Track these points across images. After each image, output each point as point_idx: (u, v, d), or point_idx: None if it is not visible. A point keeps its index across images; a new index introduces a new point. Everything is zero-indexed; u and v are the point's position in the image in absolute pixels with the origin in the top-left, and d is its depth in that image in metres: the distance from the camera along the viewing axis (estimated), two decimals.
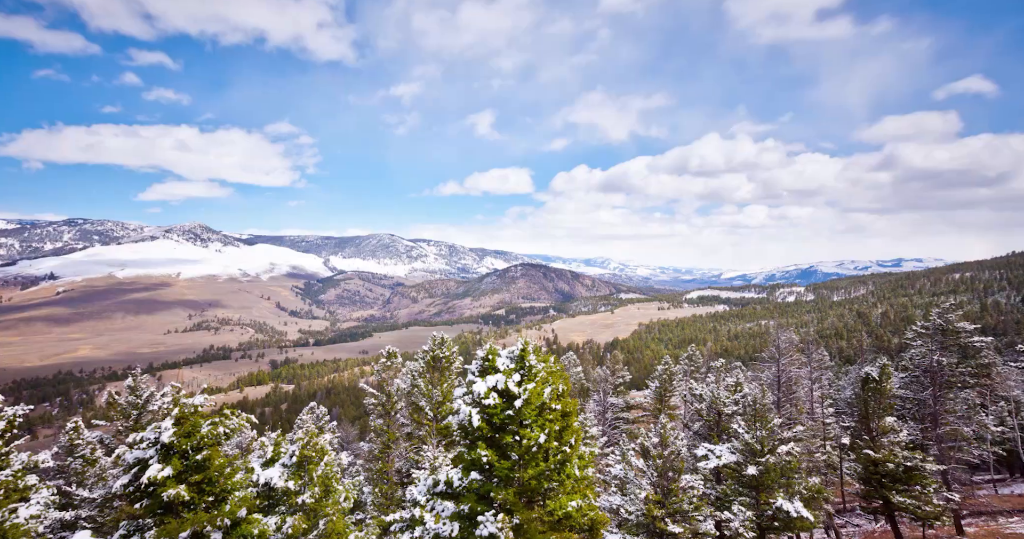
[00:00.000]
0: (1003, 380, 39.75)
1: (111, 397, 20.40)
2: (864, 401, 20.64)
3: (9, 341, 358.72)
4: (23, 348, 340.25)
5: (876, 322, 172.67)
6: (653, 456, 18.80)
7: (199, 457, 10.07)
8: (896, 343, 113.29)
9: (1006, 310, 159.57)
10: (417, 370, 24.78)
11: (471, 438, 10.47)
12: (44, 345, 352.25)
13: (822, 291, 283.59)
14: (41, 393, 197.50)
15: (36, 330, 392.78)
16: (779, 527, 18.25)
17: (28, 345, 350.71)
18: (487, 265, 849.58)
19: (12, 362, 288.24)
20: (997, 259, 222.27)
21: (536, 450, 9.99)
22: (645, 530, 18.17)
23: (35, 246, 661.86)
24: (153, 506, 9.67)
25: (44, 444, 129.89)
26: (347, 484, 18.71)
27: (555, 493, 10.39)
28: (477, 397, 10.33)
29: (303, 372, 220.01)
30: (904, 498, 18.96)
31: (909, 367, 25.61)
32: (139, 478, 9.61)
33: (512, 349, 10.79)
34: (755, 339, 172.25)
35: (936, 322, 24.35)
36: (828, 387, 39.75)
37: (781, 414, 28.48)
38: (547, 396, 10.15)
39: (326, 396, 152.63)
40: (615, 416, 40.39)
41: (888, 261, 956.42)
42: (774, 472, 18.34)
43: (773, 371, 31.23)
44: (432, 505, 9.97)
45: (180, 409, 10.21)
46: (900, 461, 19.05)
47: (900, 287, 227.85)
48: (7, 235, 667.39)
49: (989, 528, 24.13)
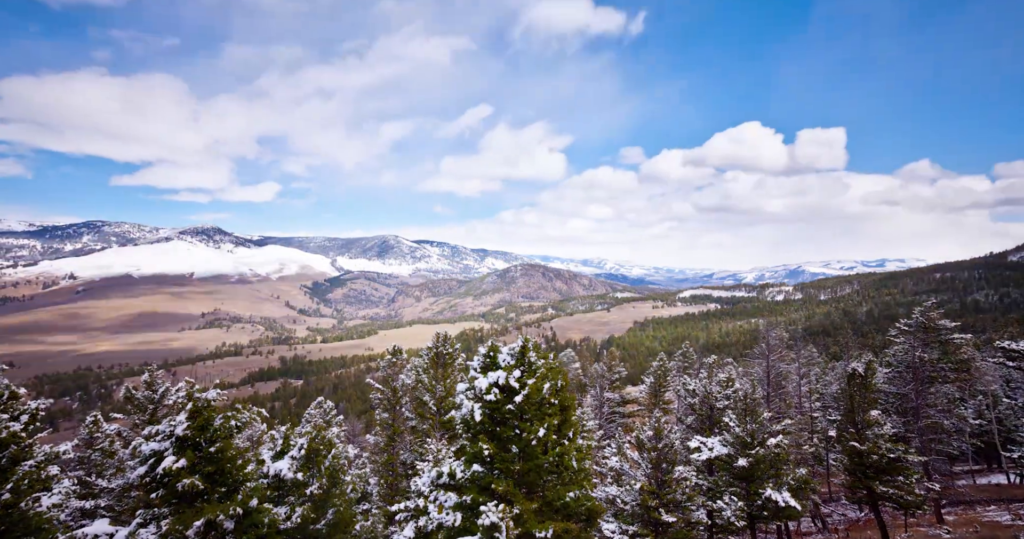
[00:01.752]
0: (981, 375, 39.74)
1: (128, 392, 20.41)
2: (850, 396, 20.62)
3: (31, 338, 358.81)
4: (45, 345, 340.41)
5: (861, 320, 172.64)
6: (648, 449, 18.79)
7: (212, 449, 10.07)
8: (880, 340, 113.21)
9: (984, 308, 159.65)
10: (421, 366, 24.78)
11: (473, 432, 10.46)
12: (64, 342, 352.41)
13: (809, 290, 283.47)
14: (62, 388, 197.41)
15: (57, 328, 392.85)
16: (768, 516, 18.25)
17: (49, 342, 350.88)
18: (488, 265, 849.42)
19: (34, 358, 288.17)
20: (976, 260, 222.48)
21: (536, 443, 9.98)
22: (640, 519, 18.16)
23: (56, 247, 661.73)
24: (168, 496, 9.67)
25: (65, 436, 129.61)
26: (354, 476, 18.71)
27: (554, 484, 10.38)
28: (479, 392, 10.32)
29: (311, 368, 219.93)
30: (887, 488, 18.95)
31: (893, 363, 25.61)
32: (155, 469, 9.61)
33: (512, 346, 10.78)
34: (746, 336, 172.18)
35: (918, 320, 24.35)
36: (815, 382, 39.77)
37: (771, 408, 28.49)
38: (546, 391, 10.14)
39: (333, 391, 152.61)
40: (611, 410, 40.38)
41: (872, 261, 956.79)
42: (764, 464, 18.33)
43: (763, 367, 31.26)
44: (436, 496, 9.97)
45: (194, 403, 10.21)
46: (884, 453, 19.03)
47: (884, 286, 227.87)
48: (29, 237, 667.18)
49: (967, 516, 24.13)
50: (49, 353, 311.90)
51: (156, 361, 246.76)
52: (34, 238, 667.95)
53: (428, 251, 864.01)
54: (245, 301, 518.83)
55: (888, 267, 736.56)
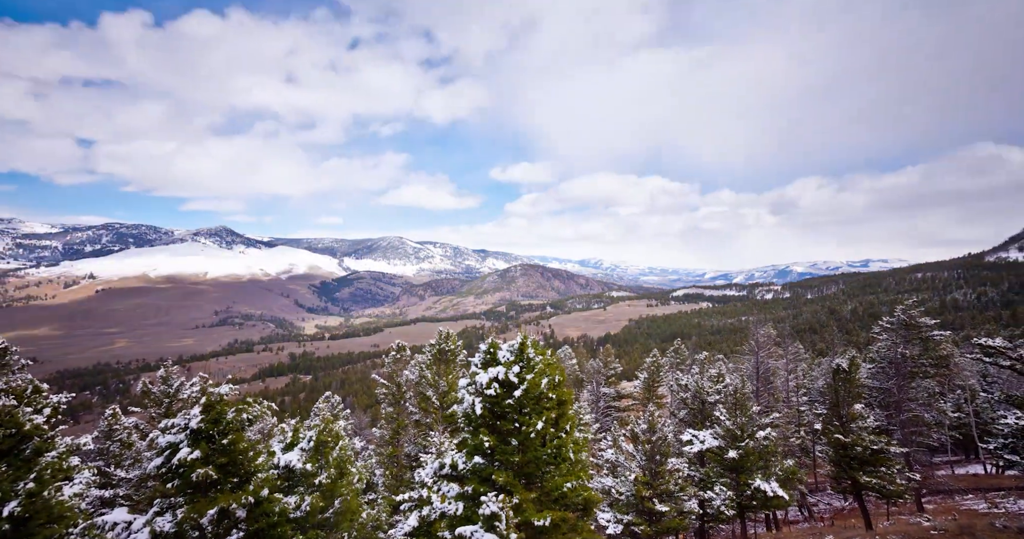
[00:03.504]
0: (960, 371, 39.77)
1: (145, 386, 20.42)
2: (835, 390, 20.63)
3: (53, 335, 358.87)
4: (66, 341, 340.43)
5: (846, 318, 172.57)
6: (642, 441, 18.81)
7: (225, 441, 10.07)
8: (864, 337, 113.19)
9: (963, 306, 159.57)
10: (425, 362, 24.78)
11: (474, 425, 10.48)
12: (84, 339, 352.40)
13: (797, 289, 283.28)
14: (82, 382, 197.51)
15: (77, 325, 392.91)
16: (757, 505, 18.26)
17: (70, 339, 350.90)
18: (489, 265, 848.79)
19: (56, 354, 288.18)
20: (955, 260, 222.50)
21: (534, 436, 9.99)
22: (635, 509, 18.18)
23: (76, 248, 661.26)
24: (183, 486, 9.68)
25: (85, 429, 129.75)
26: (360, 467, 18.71)
27: (552, 475, 10.39)
28: (480, 387, 10.33)
29: (319, 364, 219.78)
30: (871, 478, 18.96)
31: (876, 359, 25.60)
32: (171, 460, 9.62)
33: (512, 343, 10.79)
34: (736, 334, 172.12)
35: (900, 318, 24.35)
36: (802, 377, 39.78)
37: (759, 402, 28.47)
38: (544, 386, 10.15)
39: (341, 386, 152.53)
40: (607, 405, 40.38)
41: (857, 262, 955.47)
42: (753, 455, 18.35)
43: (752, 363, 31.24)
44: (439, 486, 9.98)
45: (207, 397, 10.22)
46: (867, 445, 19.04)
47: (868, 286, 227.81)
48: (51, 238, 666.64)
49: (946, 505, 24.13)
50: (70, 349, 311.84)
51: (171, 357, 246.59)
52: (56, 239, 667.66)
53: (431, 252, 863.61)
54: (256, 300, 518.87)
55: (872, 267, 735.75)
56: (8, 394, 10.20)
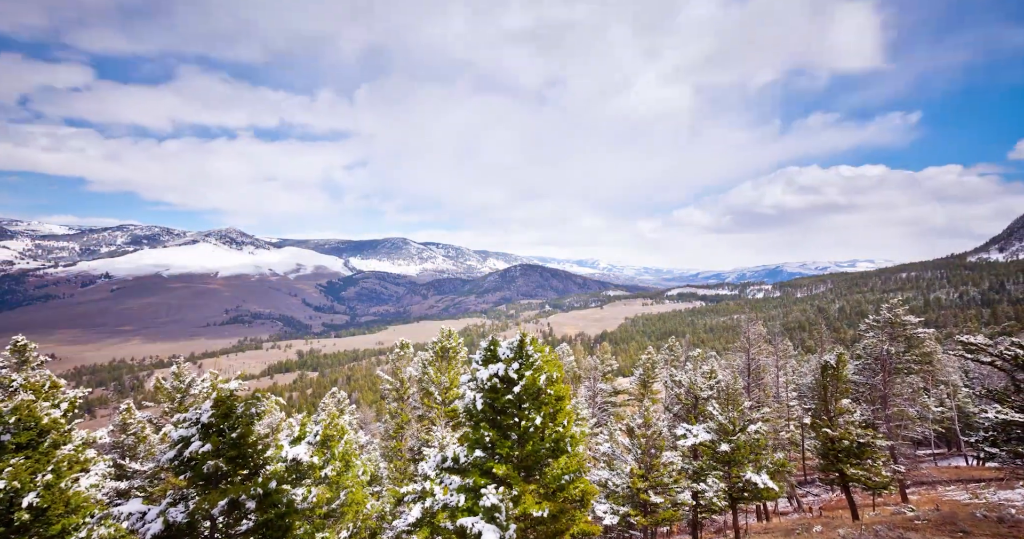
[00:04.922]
0: (942, 367, 39.79)
1: (158, 382, 20.44)
2: (823, 386, 20.62)
3: (71, 333, 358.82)
4: (83, 339, 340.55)
5: (834, 316, 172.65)
6: (637, 435, 18.82)
7: (235, 435, 10.09)
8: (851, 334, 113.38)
9: (946, 305, 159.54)
10: (427, 359, 24.79)
11: (475, 419, 10.49)
12: (100, 336, 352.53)
13: (787, 289, 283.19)
14: (98, 378, 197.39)
15: (93, 323, 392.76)
16: (748, 497, 18.26)
17: (87, 336, 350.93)
18: (490, 265, 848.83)
19: (73, 351, 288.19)
20: (938, 260, 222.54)
21: (533, 430, 10.01)
22: (630, 500, 18.20)
23: (92, 249, 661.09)
24: (195, 478, 9.70)
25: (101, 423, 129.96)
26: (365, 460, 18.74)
27: (550, 468, 10.40)
28: (481, 383, 10.35)
29: (326, 361, 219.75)
30: (857, 470, 18.97)
31: (862, 355, 25.61)
32: (183, 453, 9.64)
33: (512, 340, 10.80)
34: (728, 331, 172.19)
35: (886, 316, 24.36)
36: (792, 374, 39.81)
37: (751, 398, 28.47)
38: (543, 382, 10.16)
39: (346, 382, 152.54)
40: (604, 400, 40.37)
41: (844, 262, 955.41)
42: (744, 449, 18.34)
43: (744, 360, 31.23)
44: (441, 479, 9.99)
45: (218, 393, 10.24)
46: (854, 438, 19.04)
47: (855, 285, 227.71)
48: (68, 239, 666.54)
49: (930, 496, 24.15)
50: (87, 347, 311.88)
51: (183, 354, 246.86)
52: (73, 240, 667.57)
53: (434, 252, 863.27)
54: (265, 299, 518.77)
55: (859, 267, 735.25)
56: (27, 389, 10.22)
